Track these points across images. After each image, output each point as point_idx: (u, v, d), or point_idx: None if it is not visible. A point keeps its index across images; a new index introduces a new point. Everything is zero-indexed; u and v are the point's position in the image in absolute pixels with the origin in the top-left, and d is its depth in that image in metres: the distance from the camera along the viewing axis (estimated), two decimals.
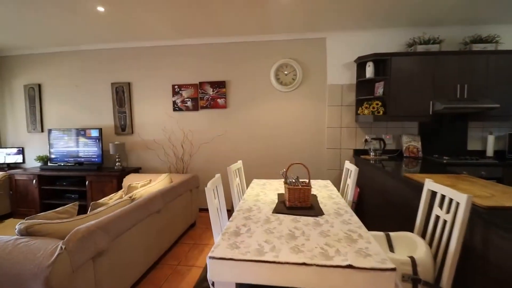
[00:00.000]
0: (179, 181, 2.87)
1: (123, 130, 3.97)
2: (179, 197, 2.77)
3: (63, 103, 4.13)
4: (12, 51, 4.16)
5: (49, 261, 1.27)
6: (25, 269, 1.27)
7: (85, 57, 3.99)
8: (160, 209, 2.33)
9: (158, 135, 3.87)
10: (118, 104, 3.93)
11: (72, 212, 2.01)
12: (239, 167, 2.38)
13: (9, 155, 4.21)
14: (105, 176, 3.49)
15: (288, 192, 1.74)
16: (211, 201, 1.43)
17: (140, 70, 3.84)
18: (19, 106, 4.26)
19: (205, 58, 3.68)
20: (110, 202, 2.27)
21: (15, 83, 4.24)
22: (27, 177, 3.73)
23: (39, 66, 4.15)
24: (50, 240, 1.44)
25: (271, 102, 3.62)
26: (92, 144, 3.79)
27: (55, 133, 3.91)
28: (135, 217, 1.96)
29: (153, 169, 3.93)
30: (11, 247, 1.37)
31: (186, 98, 3.73)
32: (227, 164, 3.74)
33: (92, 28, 3.24)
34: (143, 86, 3.87)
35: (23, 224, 1.52)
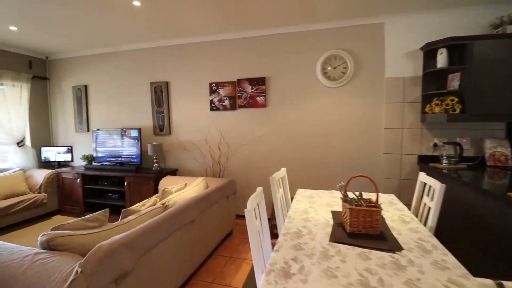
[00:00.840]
0: (215, 187, 2.63)
1: (161, 131, 3.89)
2: (214, 205, 2.52)
3: (106, 103, 4.22)
4: (62, 54, 4.37)
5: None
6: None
7: (126, 58, 4.00)
8: (193, 219, 2.09)
9: (195, 136, 3.71)
10: (156, 104, 3.87)
11: (102, 220, 1.86)
12: (283, 175, 2.03)
13: (59, 153, 4.43)
14: (142, 177, 3.42)
15: (350, 214, 1.34)
16: (251, 224, 1.11)
17: (178, 68, 3.72)
18: (68, 107, 4.47)
19: (244, 53, 3.40)
20: (142, 210, 2.10)
21: (65, 85, 4.45)
22: (72, 176, 3.85)
23: (86, 68, 4.29)
24: (68, 259, 1.26)
25: (317, 99, 3.20)
26: (131, 144, 3.77)
27: (98, 133, 3.99)
28: (166, 229, 1.73)
29: (189, 171, 3.78)
30: (27, 265, 1.21)
31: (224, 96, 3.49)
32: (266, 168, 3.47)
33: (130, 26, 3.17)
34: (180, 85, 3.74)
35: (45, 236, 1.37)
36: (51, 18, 2.97)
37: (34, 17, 2.92)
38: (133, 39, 3.67)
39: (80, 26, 3.21)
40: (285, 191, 2.02)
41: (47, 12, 2.80)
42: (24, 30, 3.27)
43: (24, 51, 4.15)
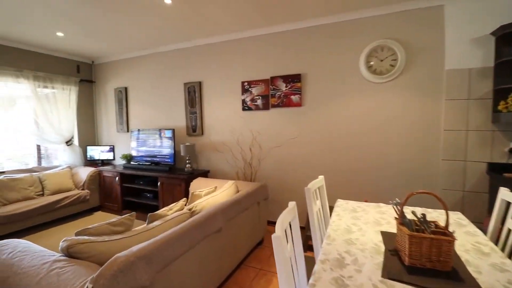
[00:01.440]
0: (246, 192, 2.45)
1: (194, 131, 3.86)
2: (244, 212, 2.34)
3: (143, 104, 4.33)
4: (106, 58, 4.61)
5: None
6: None
7: (161, 59, 4.05)
8: (221, 227, 1.94)
9: (226, 137, 3.59)
10: (189, 105, 3.84)
11: (128, 224, 1.79)
12: (321, 185, 1.76)
13: (103, 152, 4.68)
14: (174, 178, 3.40)
15: (409, 241, 1.04)
16: (281, 254, 0.88)
17: (210, 68, 3.64)
18: (111, 108, 4.70)
19: (277, 49, 3.18)
20: (169, 215, 2.00)
21: (108, 87, 4.69)
22: (111, 174, 4.01)
23: (126, 71, 4.46)
24: (84, 270, 1.18)
25: (360, 97, 2.84)
26: (166, 144, 3.80)
27: (135, 133, 4.11)
28: (190, 240, 1.60)
29: (221, 173, 3.68)
30: (43, 274, 1.15)
31: (256, 96, 3.31)
32: (300, 173, 3.19)
33: (163, 27, 3.16)
34: (212, 85, 3.65)
35: (66, 242, 1.32)
36: (93, 24, 3.08)
37: (78, 23, 3.05)
38: (167, 41, 3.68)
39: (120, 31, 3.30)
40: (323, 203, 1.76)
41: (88, 18, 2.90)
42: (70, 36, 3.47)
43: (72, 56, 4.46)
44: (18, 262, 1.24)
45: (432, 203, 2.13)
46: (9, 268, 1.21)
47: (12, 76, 3.71)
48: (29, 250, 1.35)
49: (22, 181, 3.51)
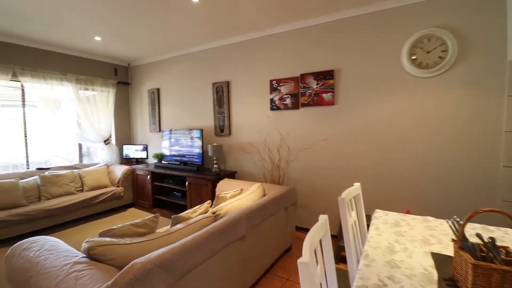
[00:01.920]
0: (273, 196, 2.32)
1: (221, 131, 3.82)
2: (271, 217, 2.21)
3: (174, 105, 4.41)
4: (140, 61, 4.79)
5: None
6: None
7: (191, 60, 4.08)
8: (245, 234, 1.83)
9: (254, 138, 3.49)
10: (217, 104, 3.81)
11: (152, 225, 1.76)
12: (356, 193, 1.56)
13: (137, 151, 4.88)
14: (201, 178, 3.38)
15: (474, 272, 0.83)
16: (308, 282, 0.73)
17: (238, 67, 3.56)
18: (145, 109, 4.88)
19: (308, 44, 2.99)
20: (192, 217, 1.95)
21: (143, 88, 4.87)
22: (143, 173, 4.14)
23: (158, 72, 4.58)
24: (102, 275, 1.14)
25: (402, 94, 2.54)
26: (194, 144, 3.81)
27: (166, 133, 4.20)
28: (211, 247, 1.51)
29: (248, 174, 3.59)
30: (62, 277, 1.13)
31: (285, 94, 3.15)
32: (332, 177, 2.94)
33: (192, 27, 3.15)
34: (240, 84, 3.58)
35: (87, 244, 1.31)
36: (126, 28, 3.19)
37: (113, 27, 3.18)
38: (196, 41, 3.69)
39: (152, 33, 3.38)
40: (359, 215, 1.55)
41: (122, 22, 3.00)
42: (107, 39, 3.63)
43: (110, 59, 4.70)
44: (43, 261, 1.25)
45: (492, 219, 1.79)
46: (33, 266, 1.23)
47: (58, 80, 4.00)
48: (55, 248, 1.37)
49: (64, 177, 3.76)
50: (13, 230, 2.96)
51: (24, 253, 1.34)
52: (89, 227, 3.45)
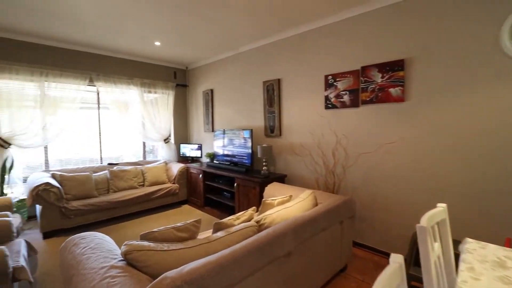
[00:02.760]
0: (326, 207, 2.02)
1: (271, 132, 3.65)
2: (323, 232, 1.92)
3: (225, 105, 4.42)
4: (197, 63, 4.96)
5: None
6: None
7: (242, 59, 4.02)
8: (291, 251, 1.60)
9: (306, 139, 3.21)
10: (268, 104, 3.65)
11: (193, 230, 1.68)
12: (441, 219, 1.17)
13: (192, 150, 5.07)
14: (249, 181, 3.27)
15: None
16: None
17: (290, 63, 3.33)
18: (200, 110, 5.05)
19: (371, 32, 2.56)
20: (235, 225, 1.81)
21: (198, 90, 5.05)
22: (196, 171, 4.25)
23: (212, 73, 4.67)
24: (132, 285, 1.06)
25: (503, 85, 1.94)
26: (244, 145, 3.73)
27: (217, 133, 4.23)
28: (250, 264, 1.33)
29: (299, 179, 3.32)
30: (97, 281, 1.10)
31: (342, 91, 2.79)
32: (400, 188, 2.42)
33: (243, 22, 3.04)
34: (292, 82, 3.33)
35: (126, 247, 1.27)
36: (183, 31, 3.29)
37: (170, 32, 3.31)
38: (248, 39, 3.59)
39: (207, 36, 3.44)
40: (444, 247, 1.16)
41: (178, 26, 3.09)
42: (166, 44, 3.83)
43: (170, 63, 5.00)
44: (85, 260, 1.26)
45: None
46: (76, 265, 1.24)
47: (126, 84, 4.41)
48: (99, 247, 1.38)
49: (129, 173, 4.11)
50: (84, 218, 3.34)
51: (73, 249, 1.38)
52: (146, 221, 3.68)
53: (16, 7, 2.67)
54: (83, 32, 3.37)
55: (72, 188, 3.44)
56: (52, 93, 3.73)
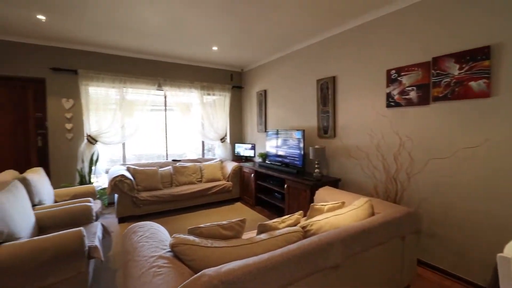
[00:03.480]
0: (384, 218, 1.80)
1: (325, 133, 3.46)
2: (379, 246, 1.72)
3: (278, 105, 4.39)
4: (251, 65, 5.07)
5: None
6: None
7: (296, 58, 3.92)
8: (338, 263, 1.47)
9: (363, 141, 2.93)
10: (321, 103, 3.47)
11: (237, 230, 1.70)
12: None
13: (246, 149, 5.21)
14: (299, 183, 3.16)
15: None
16: None
17: (346, 58, 3.09)
18: (254, 110, 5.14)
19: (446, 15, 2.17)
20: (280, 228, 1.76)
21: (252, 91, 5.15)
22: (248, 171, 4.34)
23: (266, 74, 4.70)
24: (174, 277, 1.12)
25: None
26: (295, 146, 3.64)
27: (269, 133, 4.23)
28: (292, 271, 1.27)
29: (355, 184, 3.06)
30: (144, 270, 1.19)
31: (408, 86, 2.45)
32: (482, 203, 2.00)
33: (296, 18, 2.96)
34: (348, 79, 3.09)
35: (173, 240, 1.35)
36: (238, 35, 3.40)
37: (227, 37, 3.46)
38: (301, 37, 3.49)
39: (262, 37, 3.49)
40: None
41: (233, 30, 3.21)
42: (222, 48, 4.02)
43: (226, 67, 5.23)
44: (140, 248, 1.39)
45: None
46: (132, 251, 1.38)
47: (187, 87, 4.80)
48: (152, 237, 1.51)
49: (189, 169, 4.45)
50: (150, 208, 3.75)
51: (132, 236, 1.55)
52: (200, 215, 3.92)
53: (102, 26, 3.16)
54: (153, 43, 3.80)
55: (142, 181, 3.90)
56: (129, 97, 4.31)
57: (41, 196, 2.49)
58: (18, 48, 3.60)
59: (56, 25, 3.15)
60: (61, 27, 3.21)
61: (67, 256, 1.71)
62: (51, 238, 1.70)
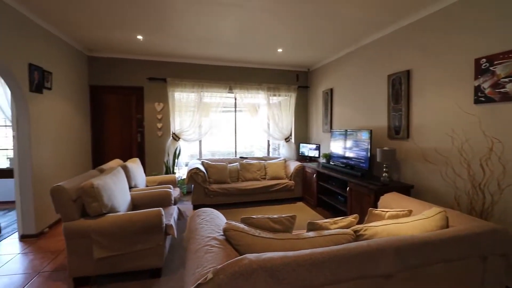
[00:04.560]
0: (456, 233, 1.56)
1: (396, 133, 3.14)
2: (446, 264, 1.50)
3: (344, 104, 4.20)
4: (318, 64, 4.98)
5: None
6: (187, 281, 1.20)
7: (364, 52, 3.67)
8: (390, 274, 1.37)
9: (442, 143, 2.54)
10: (393, 101, 3.16)
11: (287, 225, 1.77)
12: None
13: (311, 149, 5.16)
14: (363, 186, 2.97)
15: None
16: None
17: (424, 49, 2.72)
18: (319, 110, 5.04)
19: None
20: (330, 229, 1.75)
21: (318, 90, 5.05)
22: (311, 171, 4.30)
23: (332, 72, 4.54)
24: (222, 256, 1.28)
25: None
26: (361, 147, 3.42)
27: (334, 133, 4.09)
28: (334, 270, 1.27)
29: (430, 192, 2.68)
30: (200, 246, 1.39)
31: (504, 78, 2.00)
32: None
33: (360, 12, 2.79)
34: (425, 72, 2.72)
35: (226, 225, 1.53)
36: (304, 34, 3.45)
37: (291, 38, 3.54)
38: (371, 29, 3.25)
39: (326, 34, 3.44)
40: None
41: (298, 31, 3.27)
42: (287, 50, 4.11)
43: (292, 67, 5.29)
44: (200, 228, 1.62)
45: None
46: (194, 231, 1.62)
47: (255, 89, 5.08)
48: (211, 221, 1.73)
49: (254, 166, 4.72)
50: (218, 199, 4.15)
51: (196, 218, 1.81)
52: (261, 210, 4.11)
53: (185, 40, 3.70)
54: (225, 51, 4.21)
55: (213, 174, 4.36)
56: (205, 100, 4.88)
57: (136, 181, 3.13)
58: (124, 63, 4.56)
59: (150, 42, 3.86)
60: (153, 44, 3.91)
61: (149, 229, 2.12)
62: (139, 214, 2.14)
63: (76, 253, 2.04)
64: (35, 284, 2.15)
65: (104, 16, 2.95)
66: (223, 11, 2.80)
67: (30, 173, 2.91)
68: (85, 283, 2.12)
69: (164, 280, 2.21)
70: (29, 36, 2.92)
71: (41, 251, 2.68)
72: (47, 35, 3.26)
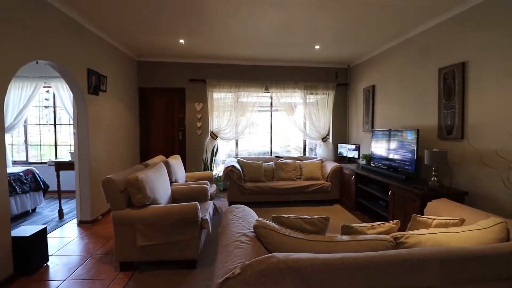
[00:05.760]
0: None
1: (448, 133, 2.82)
2: (504, 282, 1.31)
3: (388, 101, 3.91)
4: (359, 60, 4.72)
5: (218, 281, 1.12)
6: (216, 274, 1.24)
7: (409, 46, 3.38)
8: (434, 286, 1.24)
9: (505, 144, 2.21)
10: (444, 97, 2.85)
11: (320, 226, 1.72)
12: None
13: (350, 150, 4.92)
14: (407, 191, 2.73)
15: None
16: None
17: (482, 37, 2.39)
18: (360, 108, 4.78)
19: None
20: (367, 234, 1.65)
21: (359, 87, 4.79)
22: (349, 172, 4.10)
23: (375, 68, 4.27)
24: (251, 253, 1.30)
25: None
26: (406, 148, 3.15)
27: (376, 133, 3.84)
28: (367, 276, 1.20)
29: (489, 201, 2.36)
30: (230, 241, 1.42)
31: None
32: None
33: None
34: (485, 63, 2.39)
35: (256, 222, 1.53)
36: (341, 30, 3.32)
37: (329, 34, 3.42)
38: (420, 18, 2.97)
39: (367, 26, 3.25)
40: None
41: (335, 26, 3.15)
42: (325, 46, 3.98)
43: (330, 64, 5.10)
44: (232, 224, 1.66)
45: None
46: (226, 226, 1.67)
47: (291, 88, 5.02)
48: (243, 218, 1.76)
49: (289, 166, 4.66)
50: (253, 197, 4.20)
51: (228, 214, 1.86)
52: (295, 211, 4.04)
53: (223, 42, 3.82)
54: (262, 51, 4.24)
55: (248, 172, 4.42)
56: (242, 99, 4.98)
57: (176, 176, 3.32)
58: (167, 66, 4.87)
59: (191, 46, 4.06)
60: (194, 47, 4.11)
61: (186, 221, 2.24)
62: (177, 207, 2.27)
63: (122, 239, 2.25)
64: (88, 265, 2.42)
65: (152, 24, 3.20)
66: (260, 11, 2.82)
67: (87, 166, 3.29)
68: (129, 268, 2.32)
69: (199, 271, 2.32)
70: (87, 44, 3.30)
71: (94, 236, 3.01)
72: (102, 43, 3.64)
